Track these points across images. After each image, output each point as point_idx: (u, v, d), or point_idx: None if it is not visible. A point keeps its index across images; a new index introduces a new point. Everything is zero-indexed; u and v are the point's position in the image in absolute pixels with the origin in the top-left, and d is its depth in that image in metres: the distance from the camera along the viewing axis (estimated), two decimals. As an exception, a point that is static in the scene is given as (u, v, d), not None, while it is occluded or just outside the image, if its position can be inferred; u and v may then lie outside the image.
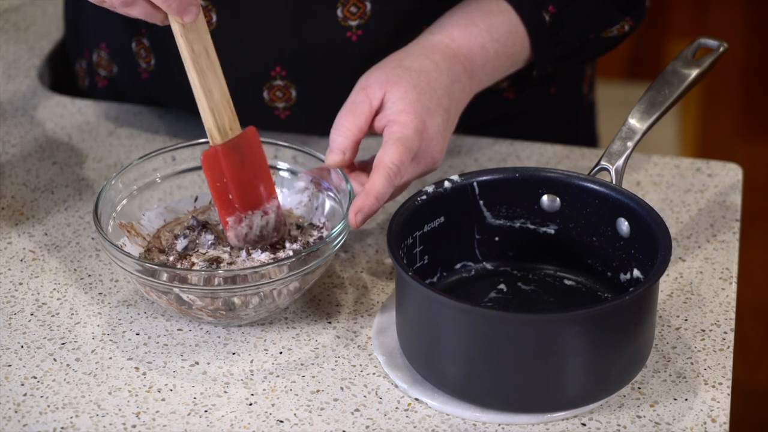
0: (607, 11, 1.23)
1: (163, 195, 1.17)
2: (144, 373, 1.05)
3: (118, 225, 1.13)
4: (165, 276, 1.05)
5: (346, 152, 1.10)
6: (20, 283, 1.15)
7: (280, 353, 1.07)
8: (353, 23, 1.23)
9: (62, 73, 1.51)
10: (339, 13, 1.23)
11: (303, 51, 1.24)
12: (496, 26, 1.18)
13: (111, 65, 1.37)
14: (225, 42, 1.25)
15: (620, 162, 1.10)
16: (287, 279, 1.05)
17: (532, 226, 1.12)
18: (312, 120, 1.27)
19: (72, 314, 1.11)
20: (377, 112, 1.11)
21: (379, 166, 1.07)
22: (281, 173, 1.17)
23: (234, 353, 1.07)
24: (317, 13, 1.23)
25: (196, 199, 1.17)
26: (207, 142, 1.16)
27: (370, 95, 1.11)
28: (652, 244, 1.03)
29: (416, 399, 1.03)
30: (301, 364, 1.06)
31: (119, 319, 1.11)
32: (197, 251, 1.10)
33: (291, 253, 1.09)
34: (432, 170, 1.14)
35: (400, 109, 1.10)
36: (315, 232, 1.13)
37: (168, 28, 1.10)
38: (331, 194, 1.14)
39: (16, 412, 1.02)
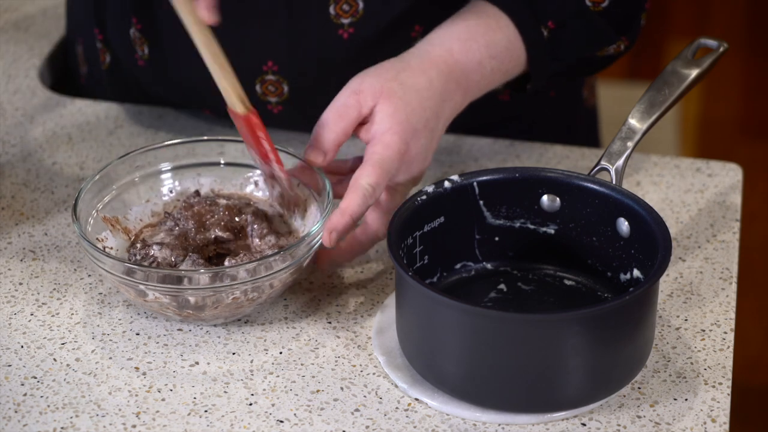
0: (605, 31, 1.22)
1: (153, 190, 1.17)
2: (144, 373, 1.05)
3: (102, 218, 1.13)
4: (126, 270, 1.05)
5: (328, 153, 1.10)
6: (20, 283, 1.15)
7: (280, 353, 1.07)
8: (345, 21, 1.23)
9: (62, 73, 1.51)
10: (331, 10, 1.23)
11: (295, 47, 1.25)
12: (495, 43, 1.17)
13: (104, 53, 1.37)
14: (217, 34, 1.25)
15: (620, 162, 1.10)
16: (254, 281, 1.05)
17: (532, 226, 1.12)
18: (305, 115, 1.27)
19: (72, 314, 1.11)
20: (364, 120, 1.11)
21: (356, 187, 1.07)
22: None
23: (234, 353, 1.07)
24: (310, 9, 1.23)
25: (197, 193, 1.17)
26: (201, 140, 1.18)
27: (362, 102, 1.10)
28: (652, 244, 1.03)
29: (416, 399, 1.03)
30: (301, 364, 1.06)
31: (119, 319, 1.11)
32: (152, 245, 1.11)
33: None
34: (413, 185, 1.14)
35: (387, 128, 1.09)
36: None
37: (159, 17, 1.12)
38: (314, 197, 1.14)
39: (16, 412, 1.02)
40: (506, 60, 1.18)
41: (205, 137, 1.19)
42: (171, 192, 1.18)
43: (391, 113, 1.09)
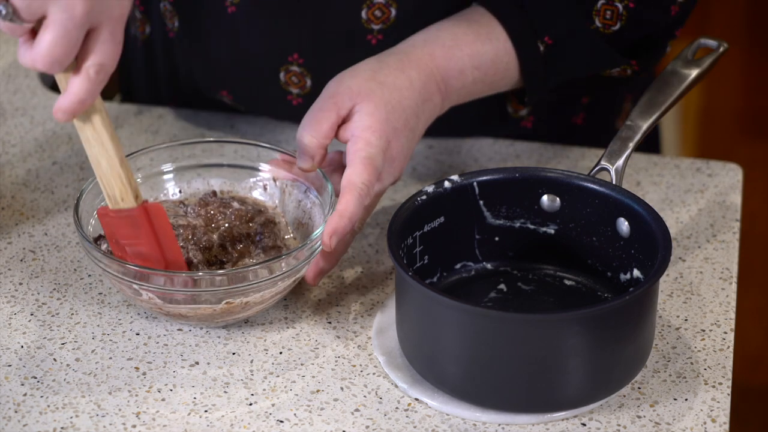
0: (607, 53, 1.19)
1: (154, 190, 1.18)
2: (144, 373, 1.05)
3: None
4: (122, 270, 1.05)
5: (315, 158, 1.10)
6: (20, 283, 1.15)
7: (280, 353, 1.07)
8: (376, 27, 1.22)
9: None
10: (363, 14, 1.22)
11: (322, 44, 1.24)
12: (481, 54, 1.16)
13: (144, 24, 1.38)
14: (248, 15, 1.24)
15: (620, 162, 1.10)
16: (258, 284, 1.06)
17: (532, 226, 1.12)
18: None
19: (72, 314, 1.11)
20: (344, 121, 1.10)
21: (350, 187, 1.06)
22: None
23: (234, 353, 1.07)
24: (341, 10, 1.22)
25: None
26: (207, 141, 1.18)
27: (339, 104, 1.09)
28: (652, 244, 1.03)
29: (416, 399, 1.03)
30: (301, 364, 1.06)
31: (119, 319, 1.11)
32: None
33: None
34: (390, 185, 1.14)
35: (367, 126, 1.08)
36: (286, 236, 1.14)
37: None
38: (312, 196, 1.14)
39: (16, 412, 1.02)
40: (491, 72, 1.17)
41: (211, 138, 1.19)
42: (180, 192, 1.18)
43: (370, 112, 1.09)
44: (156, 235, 1.05)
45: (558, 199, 1.10)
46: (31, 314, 1.11)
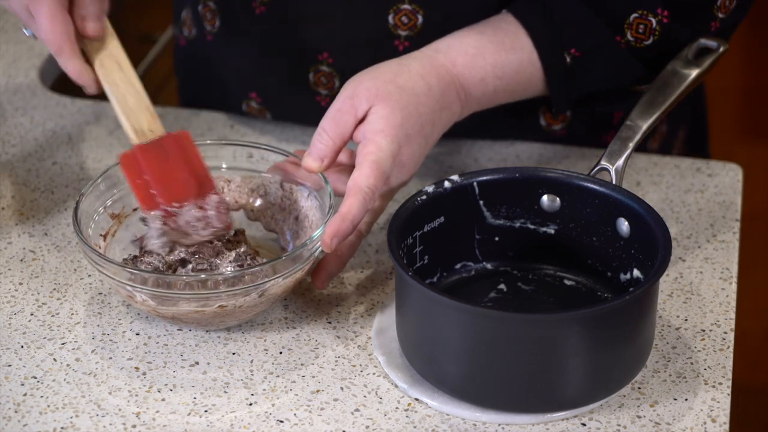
0: (635, 67, 1.18)
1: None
2: (144, 373, 1.05)
3: (109, 215, 1.13)
4: (126, 276, 1.05)
5: (325, 160, 1.10)
6: (20, 283, 1.15)
7: (280, 353, 1.07)
8: (402, 33, 1.22)
9: (62, 73, 1.50)
10: (390, 19, 1.22)
11: (351, 45, 1.24)
12: (504, 64, 1.15)
13: (192, 26, 1.39)
14: (277, 15, 1.24)
15: (620, 162, 1.10)
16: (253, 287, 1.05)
17: (532, 226, 1.12)
18: None
19: (72, 314, 1.11)
20: (360, 121, 1.10)
21: (356, 190, 1.06)
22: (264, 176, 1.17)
23: (234, 353, 1.07)
24: (368, 13, 1.22)
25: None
26: (206, 144, 1.17)
27: (356, 105, 1.09)
28: (652, 244, 1.03)
29: (416, 399, 1.03)
30: (301, 364, 1.06)
31: (119, 319, 1.11)
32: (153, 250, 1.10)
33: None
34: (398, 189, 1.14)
35: (380, 129, 1.08)
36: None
37: None
38: (314, 199, 1.14)
39: (16, 412, 1.02)
40: (513, 82, 1.16)
41: (208, 141, 1.19)
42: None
43: (385, 115, 1.09)
44: (187, 158, 1.11)
45: (558, 199, 1.10)
46: (31, 314, 1.11)
